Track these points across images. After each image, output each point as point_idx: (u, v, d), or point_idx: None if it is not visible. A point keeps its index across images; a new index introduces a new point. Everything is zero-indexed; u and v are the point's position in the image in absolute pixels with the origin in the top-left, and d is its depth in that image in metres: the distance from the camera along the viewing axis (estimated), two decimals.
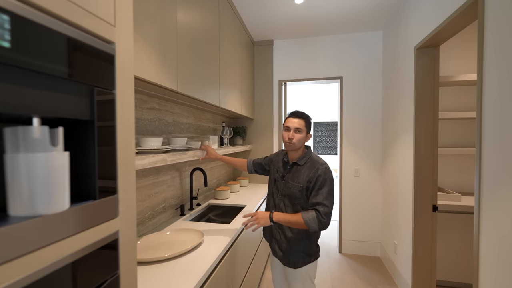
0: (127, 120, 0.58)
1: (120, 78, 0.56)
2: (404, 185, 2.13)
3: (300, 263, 1.33)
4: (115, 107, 0.54)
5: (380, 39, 2.78)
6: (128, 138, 0.59)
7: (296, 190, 1.32)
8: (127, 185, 0.58)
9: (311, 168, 1.31)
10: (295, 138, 1.32)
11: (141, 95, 1.40)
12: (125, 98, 0.58)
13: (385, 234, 2.66)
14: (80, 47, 0.47)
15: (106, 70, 0.53)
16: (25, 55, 0.37)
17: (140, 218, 1.41)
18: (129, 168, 0.59)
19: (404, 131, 2.13)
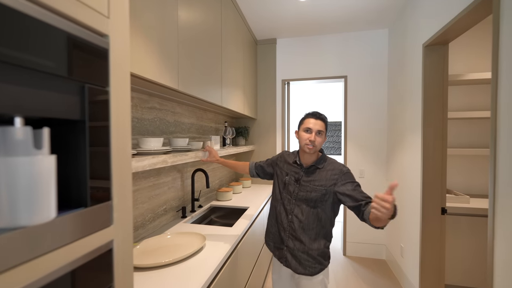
0: (123, 120, 0.54)
1: (115, 74, 0.51)
2: (411, 187, 2.07)
3: (318, 269, 1.26)
4: (109, 106, 0.50)
5: (386, 38, 2.72)
6: (124, 139, 0.54)
7: (319, 193, 1.25)
8: (123, 190, 0.54)
9: (334, 170, 1.27)
10: (316, 141, 1.26)
11: (141, 94, 1.36)
12: (121, 96, 0.53)
13: (391, 236, 2.60)
14: (70, 40, 0.42)
15: (99, 65, 0.48)
16: (5, 47, 0.33)
17: (140, 221, 1.37)
18: (125, 172, 0.54)
19: (412, 131, 2.07)
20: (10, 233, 0.34)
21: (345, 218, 2.88)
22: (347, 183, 1.22)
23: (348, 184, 1.21)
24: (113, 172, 0.51)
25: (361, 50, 2.80)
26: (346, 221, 2.88)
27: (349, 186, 1.21)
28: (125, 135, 0.54)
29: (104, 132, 0.49)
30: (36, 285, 0.36)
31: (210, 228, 1.53)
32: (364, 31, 2.78)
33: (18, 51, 0.35)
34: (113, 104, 0.51)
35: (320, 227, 1.27)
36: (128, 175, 0.56)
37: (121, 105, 0.53)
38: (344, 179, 1.23)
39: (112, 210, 0.51)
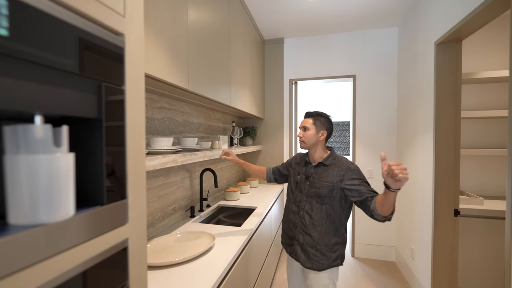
0: (138, 118, 0.54)
1: (130, 72, 0.52)
2: (423, 188, 2.03)
3: (325, 265, 1.27)
4: (124, 104, 0.50)
5: (396, 36, 2.68)
6: (139, 138, 0.54)
7: (326, 189, 1.28)
8: (137, 189, 0.54)
9: (341, 166, 1.29)
10: (303, 136, 1.37)
11: (151, 94, 1.36)
12: (136, 94, 0.53)
13: (401, 238, 2.55)
14: (87, 38, 0.42)
15: (115, 64, 0.49)
16: (25, 45, 0.33)
17: (150, 220, 1.38)
18: (140, 171, 0.55)
19: (423, 131, 2.02)
20: (30, 230, 0.34)
21: (354, 219, 2.85)
22: (354, 179, 1.24)
23: (355, 180, 1.24)
24: (128, 171, 0.51)
25: (370, 49, 2.76)
26: (354, 222, 2.84)
27: (356, 181, 1.23)
28: (139, 134, 0.55)
29: (120, 130, 0.49)
30: (53, 283, 0.37)
31: (218, 228, 1.53)
32: (373, 29, 2.74)
33: (38, 49, 0.35)
34: (129, 103, 0.51)
35: (330, 223, 1.30)
36: (142, 173, 0.56)
37: (136, 104, 0.53)
38: (351, 175, 1.25)
39: (127, 208, 0.51)
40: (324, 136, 1.36)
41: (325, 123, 1.37)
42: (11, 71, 0.32)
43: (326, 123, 1.37)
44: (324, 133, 1.36)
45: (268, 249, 2.08)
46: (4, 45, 0.31)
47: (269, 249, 2.10)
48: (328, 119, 1.38)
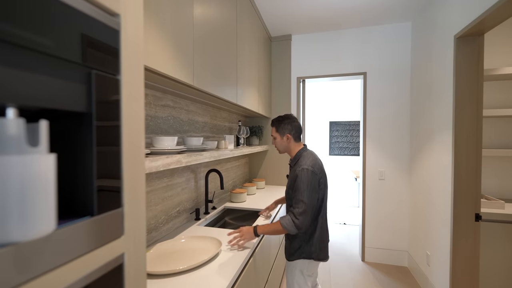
0: (136, 114, 0.47)
1: (127, 60, 0.44)
2: (440, 190, 1.92)
3: (293, 257, 1.39)
4: (120, 97, 0.43)
5: (409, 31, 2.57)
6: (137, 136, 0.47)
7: (288, 190, 1.40)
8: (135, 195, 0.46)
9: (295, 169, 1.35)
10: (274, 144, 1.49)
11: (155, 91, 1.30)
12: (134, 86, 0.46)
13: (414, 243, 2.44)
14: (74, 18, 0.35)
15: (108, 49, 0.41)
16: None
17: (153, 223, 1.31)
18: (138, 174, 0.47)
19: (440, 130, 1.92)
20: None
21: (364, 222, 2.74)
22: (293, 187, 1.33)
23: (293, 189, 1.32)
24: (124, 175, 0.44)
25: (381, 45, 2.65)
26: (364, 225, 2.74)
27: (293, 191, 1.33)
28: (138, 132, 0.47)
29: (114, 127, 0.42)
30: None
31: (225, 232, 1.46)
32: (384, 24, 2.63)
33: (18, 28, 0.28)
34: (125, 95, 0.44)
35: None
36: (141, 177, 0.48)
37: (134, 97, 0.46)
38: (294, 183, 1.33)
39: (123, 218, 0.44)
40: (290, 139, 1.43)
41: (287, 126, 1.43)
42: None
43: (288, 125, 1.43)
44: (288, 137, 1.43)
45: (276, 252, 2.00)
46: None
47: (277, 252, 2.02)
48: (289, 120, 1.44)
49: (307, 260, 1.37)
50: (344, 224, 3.95)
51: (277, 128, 1.44)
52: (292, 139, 1.43)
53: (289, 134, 1.42)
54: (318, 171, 1.33)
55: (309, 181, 1.27)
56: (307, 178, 1.27)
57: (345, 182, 5.13)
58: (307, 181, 1.27)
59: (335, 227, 3.84)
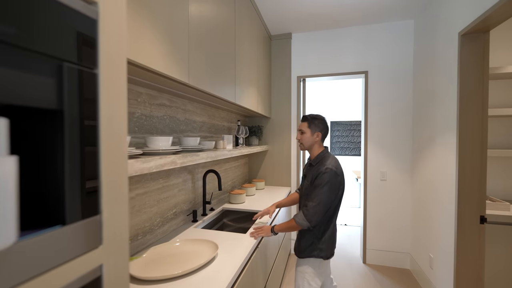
0: (117, 112, 0.43)
1: (106, 53, 0.40)
2: (443, 191, 1.87)
3: (303, 254, 1.43)
4: (97, 92, 0.39)
5: (411, 29, 2.52)
6: (118, 136, 0.43)
7: (307, 187, 1.43)
8: (116, 201, 0.43)
9: (317, 170, 1.39)
10: (300, 138, 1.51)
11: (150, 90, 1.26)
12: (114, 81, 0.42)
13: (417, 245, 2.39)
14: (44, 5, 0.31)
15: (84, 40, 0.37)
16: None
17: (148, 226, 1.27)
18: (119, 177, 0.43)
19: (444, 130, 1.87)
20: None
21: (365, 223, 2.70)
22: (314, 184, 1.37)
23: (313, 185, 1.37)
24: (102, 178, 0.40)
25: (383, 44, 2.60)
26: (366, 227, 2.70)
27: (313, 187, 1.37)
28: (119, 131, 0.43)
29: (90, 126, 0.38)
30: None
31: (222, 235, 1.42)
32: (386, 22, 2.58)
33: None
34: (104, 91, 0.40)
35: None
36: (123, 181, 0.44)
37: (115, 94, 0.42)
38: (315, 180, 1.37)
39: (101, 226, 0.40)
40: (319, 138, 1.48)
41: (319, 125, 1.47)
42: None
43: (321, 124, 1.48)
44: (318, 135, 1.48)
45: (276, 254, 1.96)
46: None
47: (276, 254, 1.98)
48: (322, 120, 1.49)
49: (318, 260, 1.42)
50: (345, 225, 3.91)
51: (309, 123, 1.48)
52: (320, 139, 1.49)
53: (320, 132, 1.47)
54: (340, 173, 1.39)
55: (330, 180, 1.33)
56: (329, 178, 1.33)
57: (346, 182, 5.07)
58: (328, 180, 1.33)
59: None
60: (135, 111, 1.16)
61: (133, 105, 1.15)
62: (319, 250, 1.39)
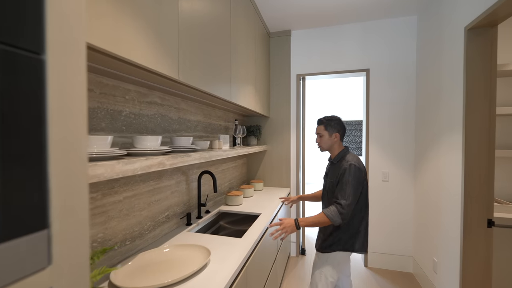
0: (72, 107, 0.36)
1: (56, 35, 0.34)
2: (449, 193, 1.80)
3: (329, 249, 1.45)
4: (44, 83, 0.32)
5: (414, 25, 2.44)
6: (75, 135, 0.36)
7: (332, 185, 1.48)
8: (71, 211, 0.36)
9: (340, 166, 1.45)
10: (319, 141, 1.56)
11: (139, 87, 1.20)
12: (68, 69, 0.35)
13: (420, 248, 2.32)
14: None
15: (26, 18, 0.31)
16: None
17: (137, 231, 1.21)
18: (76, 184, 0.37)
19: (449, 129, 1.80)
20: None
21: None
22: (339, 180, 1.41)
23: (339, 182, 1.41)
24: (51, 185, 0.33)
25: (385, 41, 2.53)
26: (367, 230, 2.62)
27: (339, 183, 1.41)
28: (77, 130, 0.37)
29: (35, 123, 0.32)
30: None
31: (216, 239, 1.36)
32: (388, 18, 2.51)
33: None
34: (53, 81, 0.33)
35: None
36: (82, 188, 0.38)
37: (70, 84, 0.36)
38: (340, 177, 1.41)
39: (50, 242, 0.33)
40: (337, 138, 1.53)
41: (336, 126, 1.52)
42: None
43: (337, 125, 1.52)
44: (337, 135, 1.52)
45: (274, 259, 1.89)
46: None
47: (274, 259, 1.91)
48: (338, 121, 1.53)
49: (342, 253, 1.45)
50: None
51: (326, 126, 1.52)
52: (339, 139, 1.53)
53: (338, 133, 1.52)
54: (363, 169, 1.44)
55: (356, 176, 1.38)
56: (355, 173, 1.38)
57: None
58: (354, 175, 1.37)
59: None
60: (122, 109, 1.10)
61: (121, 103, 1.09)
62: (350, 244, 1.44)
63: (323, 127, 1.53)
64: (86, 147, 0.38)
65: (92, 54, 0.70)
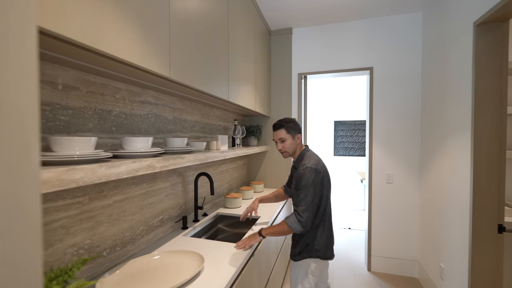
0: (17, 104, 0.30)
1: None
2: (457, 197, 1.72)
3: (298, 257, 1.38)
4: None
5: (419, 22, 2.37)
6: (19, 136, 0.31)
7: (294, 190, 1.39)
8: (16, 230, 0.30)
9: (298, 169, 1.37)
10: (283, 147, 1.43)
11: (131, 86, 1.14)
12: (11, 59, 0.30)
13: (426, 253, 2.24)
14: None
15: None
16: None
17: (129, 236, 1.16)
18: (22, 196, 0.31)
19: (457, 130, 1.72)
20: None
21: (370, 228, 2.55)
22: (296, 186, 1.35)
23: (297, 188, 1.34)
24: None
25: (389, 38, 2.45)
26: (370, 232, 2.55)
27: (296, 189, 1.35)
28: (23, 129, 0.31)
29: None
30: None
31: (211, 244, 1.30)
32: (392, 15, 2.43)
33: None
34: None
35: None
36: (32, 201, 0.32)
37: (13, 79, 0.30)
38: (296, 183, 1.35)
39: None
40: (300, 139, 1.45)
41: (296, 127, 1.44)
42: None
43: (297, 126, 1.44)
44: (299, 137, 1.44)
45: (273, 264, 1.83)
46: None
47: (274, 263, 1.85)
48: (295, 121, 1.45)
49: (313, 259, 1.37)
50: (348, 229, 3.75)
51: (288, 129, 1.41)
52: (301, 140, 1.46)
53: (299, 133, 1.44)
54: (321, 169, 1.34)
55: (312, 179, 1.29)
56: (311, 176, 1.29)
57: (350, 183, 4.92)
58: (310, 179, 1.29)
59: (339, 231, 3.64)
60: (112, 109, 1.05)
61: (110, 102, 1.04)
62: (315, 251, 1.35)
63: (285, 130, 1.41)
64: (36, 150, 0.32)
65: (69, 48, 0.65)
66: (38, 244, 0.33)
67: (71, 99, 0.88)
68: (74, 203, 0.90)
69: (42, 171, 0.55)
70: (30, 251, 0.32)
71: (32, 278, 0.32)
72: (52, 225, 0.82)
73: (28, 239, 0.32)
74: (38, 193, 0.33)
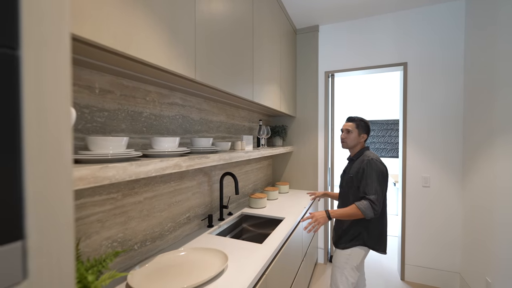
0: (53, 107, 0.33)
1: (34, 28, 0.31)
2: (507, 203, 1.53)
3: (349, 244, 1.47)
4: (18, 81, 0.30)
5: (462, 11, 2.16)
6: (54, 136, 0.33)
7: (350, 180, 1.52)
8: (52, 221, 0.33)
9: (360, 162, 1.49)
10: (346, 137, 1.59)
11: (160, 89, 1.20)
12: (48, 67, 0.33)
13: (470, 264, 2.03)
14: None
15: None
16: None
17: (158, 232, 1.22)
18: (57, 190, 0.34)
19: (507, 127, 1.53)
20: None
21: (403, 234, 2.38)
22: (363, 176, 1.44)
23: (364, 177, 1.43)
24: (28, 193, 0.30)
25: (425, 31, 2.27)
26: (404, 239, 2.38)
27: (364, 179, 1.43)
28: (58, 130, 0.34)
29: (8, 126, 0.29)
30: None
31: (236, 244, 1.31)
32: (429, 5, 2.25)
33: None
34: (29, 79, 0.30)
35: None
36: (65, 195, 0.35)
37: (49, 83, 0.33)
38: (362, 173, 1.44)
39: (25, 255, 0.30)
40: (364, 139, 1.59)
41: (366, 128, 1.58)
42: None
43: (367, 128, 1.58)
44: (364, 137, 1.58)
45: (298, 266, 1.79)
46: None
47: (299, 266, 1.81)
48: (367, 124, 1.58)
49: (361, 250, 1.46)
50: None
51: (357, 124, 1.57)
52: (364, 140, 1.59)
53: (366, 134, 1.57)
54: (383, 164, 1.46)
55: (379, 170, 1.41)
56: (377, 167, 1.41)
57: None
58: (377, 169, 1.41)
59: None
60: (143, 111, 1.11)
61: (141, 104, 1.10)
62: (367, 241, 1.45)
63: (355, 124, 1.57)
64: (69, 148, 0.35)
65: (103, 54, 0.70)
66: (70, 236, 0.36)
67: (107, 102, 0.94)
68: (109, 198, 0.97)
69: (79, 168, 0.59)
70: (63, 242, 0.34)
71: (65, 267, 0.35)
72: (89, 218, 0.89)
73: (61, 231, 0.34)
74: (70, 190, 0.35)
